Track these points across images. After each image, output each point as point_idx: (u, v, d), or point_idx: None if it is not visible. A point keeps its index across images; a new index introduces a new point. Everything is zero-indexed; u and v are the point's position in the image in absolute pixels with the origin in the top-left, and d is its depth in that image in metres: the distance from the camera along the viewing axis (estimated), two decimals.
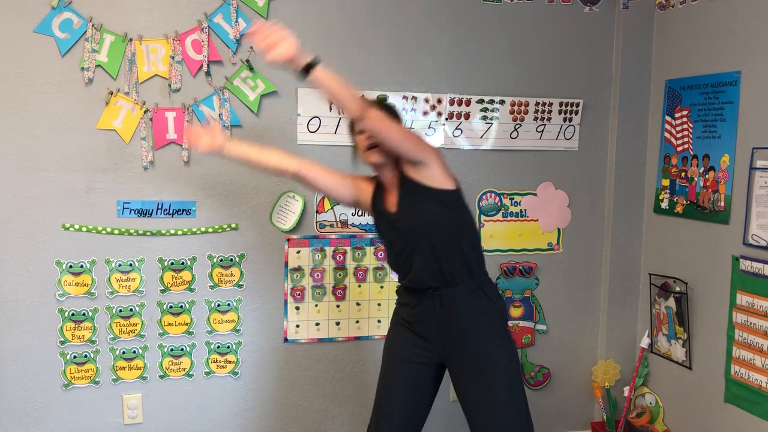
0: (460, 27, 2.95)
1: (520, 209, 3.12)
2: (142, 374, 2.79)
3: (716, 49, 2.74)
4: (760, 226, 2.51)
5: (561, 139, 3.11)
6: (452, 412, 3.09)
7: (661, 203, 3.05)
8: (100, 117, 2.63)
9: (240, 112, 2.76)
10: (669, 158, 3.01)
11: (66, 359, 2.70)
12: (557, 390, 3.25)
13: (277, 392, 2.94)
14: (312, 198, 2.88)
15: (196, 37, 2.68)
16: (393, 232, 2.19)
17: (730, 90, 2.66)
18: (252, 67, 2.72)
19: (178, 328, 2.80)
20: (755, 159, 2.53)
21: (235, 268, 2.83)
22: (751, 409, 2.57)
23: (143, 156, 2.68)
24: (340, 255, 2.94)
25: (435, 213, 2.12)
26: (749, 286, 2.55)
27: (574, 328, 3.23)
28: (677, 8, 2.96)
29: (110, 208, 2.69)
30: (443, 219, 2.13)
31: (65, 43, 2.56)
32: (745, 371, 2.58)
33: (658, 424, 3.07)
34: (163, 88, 2.68)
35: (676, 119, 2.97)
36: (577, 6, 3.08)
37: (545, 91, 3.07)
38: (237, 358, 2.87)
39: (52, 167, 2.61)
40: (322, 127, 2.85)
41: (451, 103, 2.96)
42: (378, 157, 2.14)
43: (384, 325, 3.00)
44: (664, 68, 3.04)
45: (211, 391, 2.87)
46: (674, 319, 2.96)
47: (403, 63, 2.92)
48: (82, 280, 2.68)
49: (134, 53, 2.63)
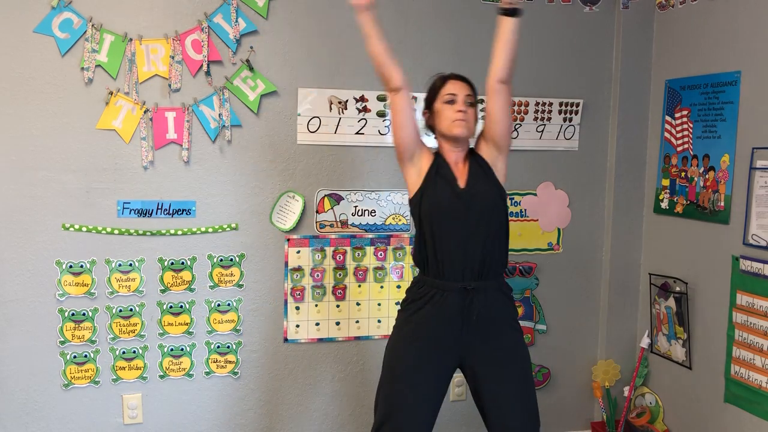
0: (460, 27, 2.95)
1: (520, 209, 3.12)
2: (142, 374, 2.79)
3: (716, 49, 2.74)
4: (760, 226, 2.51)
5: (561, 139, 3.11)
6: (452, 412, 3.09)
7: (661, 203, 3.05)
8: (100, 117, 2.63)
9: (240, 112, 2.76)
10: (669, 158, 3.01)
11: (66, 359, 2.70)
12: (557, 390, 3.25)
13: (277, 392, 2.94)
14: (312, 198, 2.88)
15: (196, 37, 2.68)
16: (456, 207, 2.14)
17: (730, 90, 2.66)
18: (252, 67, 2.72)
19: (178, 328, 2.80)
20: (755, 159, 2.53)
21: (235, 268, 2.83)
22: (751, 409, 2.57)
23: (143, 156, 2.68)
24: (340, 255, 2.94)
25: (497, 200, 2.17)
26: (749, 286, 2.55)
27: (574, 328, 3.23)
28: (677, 8, 2.96)
29: (110, 208, 2.69)
30: (501, 209, 2.19)
31: (65, 43, 2.56)
32: (745, 371, 2.58)
33: (658, 424, 3.07)
34: (163, 88, 2.68)
35: (676, 119, 2.97)
36: (577, 6, 3.08)
37: (545, 91, 3.07)
38: (237, 358, 2.87)
39: (52, 167, 2.61)
40: (322, 127, 2.85)
41: None
42: (466, 130, 2.18)
43: (384, 325, 3.00)
44: (664, 68, 3.04)
45: (211, 391, 2.87)
46: (674, 319, 2.96)
47: (404, 63, 2.88)
48: (82, 280, 2.68)
49: (134, 53, 2.63)
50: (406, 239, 2.99)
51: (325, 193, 2.89)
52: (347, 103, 2.85)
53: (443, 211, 2.15)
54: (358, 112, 2.87)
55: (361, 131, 2.89)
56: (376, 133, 2.90)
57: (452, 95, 2.20)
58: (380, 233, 2.97)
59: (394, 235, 2.98)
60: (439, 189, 2.16)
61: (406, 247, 3.00)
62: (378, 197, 2.95)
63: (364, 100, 2.87)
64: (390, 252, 2.99)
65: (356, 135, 2.88)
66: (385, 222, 2.97)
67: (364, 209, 2.94)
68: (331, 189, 2.90)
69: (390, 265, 2.99)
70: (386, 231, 2.98)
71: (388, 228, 2.97)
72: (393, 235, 2.98)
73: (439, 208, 2.15)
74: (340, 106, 2.85)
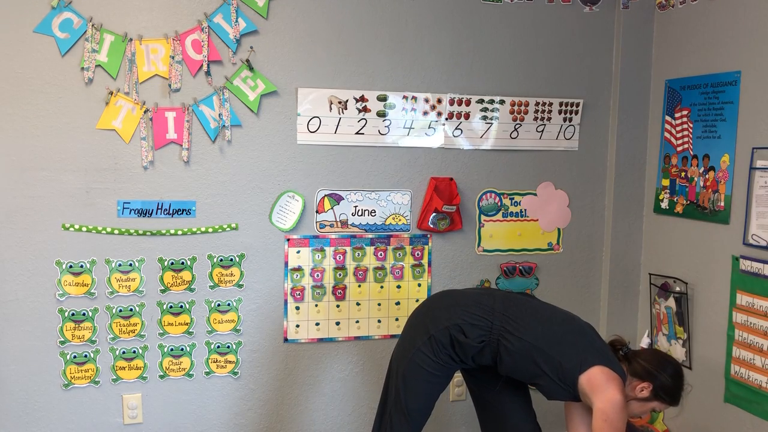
0: (460, 27, 2.95)
1: (520, 209, 3.12)
2: (142, 374, 2.79)
3: (716, 49, 2.74)
4: (760, 226, 2.51)
5: (561, 139, 3.11)
6: (452, 412, 3.09)
7: (661, 203, 3.05)
8: (100, 117, 2.63)
9: (240, 112, 2.76)
10: (669, 158, 3.01)
11: (66, 359, 2.70)
12: None
13: (277, 392, 2.94)
14: (312, 198, 2.88)
15: (196, 37, 2.68)
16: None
17: (730, 90, 2.66)
18: (252, 67, 2.72)
19: (178, 328, 2.80)
20: (755, 159, 2.53)
21: (235, 268, 2.83)
22: (751, 409, 2.57)
23: (143, 156, 2.68)
24: (340, 255, 2.94)
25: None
26: (749, 286, 2.55)
27: None
28: (677, 8, 2.96)
29: (110, 208, 2.69)
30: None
31: (65, 43, 2.56)
32: (745, 371, 2.58)
33: (658, 424, 3.06)
34: (163, 88, 2.68)
35: (676, 119, 2.97)
36: (577, 6, 3.08)
37: (545, 91, 3.07)
38: (237, 358, 2.87)
39: (52, 167, 2.61)
40: (322, 127, 2.85)
41: (451, 103, 2.96)
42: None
43: (384, 325, 3.00)
44: (664, 68, 3.04)
45: (211, 391, 2.87)
46: (674, 319, 2.96)
47: (404, 63, 2.92)
48: (82, 280, 2.68)
49: (134, 53, 2.63)
50: (406, 239, 3.00)
51: (325, 193, 2.89)
52: (347, 103, 2.85)
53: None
54: (358, 112, 2.87)
55: (361, 131, 2.89)
56: (376, 133, 2.91)
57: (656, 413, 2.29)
58: (380, 233, 2.97)
59: (394, 235, 2.98)
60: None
61: (406, 247, 3.00)
62: (378, 197, 2.95)
63: (364, 100, 2.87)
64: (390, 252, 2.99)
65: (356, 135, 2.89)
66: (385, 222, 2.97)
67: (364, 209, 2.94)
68: (331, 189, 2.90)
69: (390, 265, 2.99)
70: (386, 231, 2.98)
71: (388, 228, 2.97)
72: (393, 235, 2.98)
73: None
74: (340, 106, 2.85)
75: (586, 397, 2.14)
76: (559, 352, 2.18)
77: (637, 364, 2.25)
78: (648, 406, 2.25)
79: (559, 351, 2.18)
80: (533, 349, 2.18)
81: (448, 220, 2.96)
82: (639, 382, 2.22)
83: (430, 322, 2.29)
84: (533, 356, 2.17)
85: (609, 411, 2.08)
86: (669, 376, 2.23)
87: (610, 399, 2.08)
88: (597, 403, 2.10)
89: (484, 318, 2.23)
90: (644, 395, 2.21)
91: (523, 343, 2.18)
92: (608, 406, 2.08)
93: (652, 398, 2.22)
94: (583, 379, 2.13)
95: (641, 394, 2.21)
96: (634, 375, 2.23)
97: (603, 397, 2.09)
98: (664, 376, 2.22)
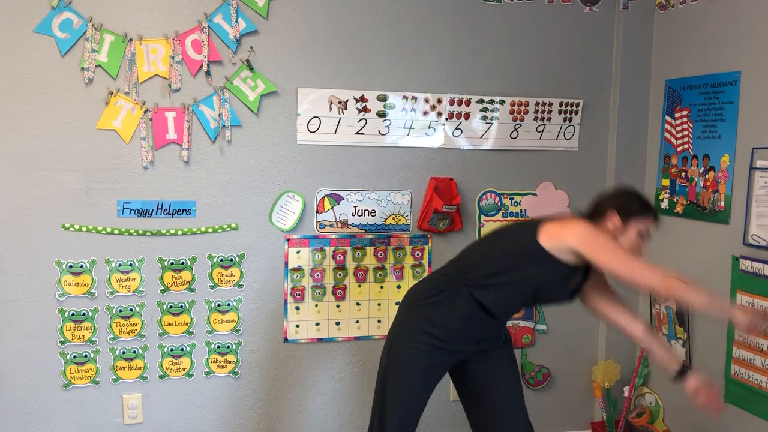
0: (460, 27, 2.95)
1: (520, 209, 3.12)
2: (142, 374, 2.79)
3: (716, 49, 2.74)
4: (760, 226, 2.51)
5: (561, 139, 3.11)
6: (452, 412, 3.09)
7: (661, 203, 3.05)
8: (100, 117, 2.63)
9: (240, 112, 2.76)
10: (669, 158, 3.01)
11: (66, 359, 2.70)
12: (557, 390, 3.24)
13: (277, 392, 2.94)
14: (312, 198, 2.88)
15: (196, 37, 2.68)
16: (570, 296, 2.27)
17: (730, 90, 2.66)
18: (252, 67, 2.72)
19: (178, 328, 2.80)
20: (755, 159, 2.53)
21: (235, 268, 2.83)
22: (751, 409, 2.57)
23: (143, 156, 2.68)
24: (340, 255, 2.94)
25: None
26: (749, 286, 2.55)
27: (574, 328, 3.23)
28: (677, 8, 2.96)
29: (110, 208, 2.69)
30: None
31: (65, 43, 2.56)
32: (745, 371, 2.58)
33: (658, 424, 3.06)
34: (163, 88, 2.68)
35: (676, 119, 2.97)
36: (577, 6, 3.08)
37: (545, 91, 3.07)
38: (237, 358, 2.87)
39: (52, 167, 2.61)
40: (322, 127, 2.85)
41: (451, 103, 2.96)
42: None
43: (384, 325, 3.00)
44: (664, 68, 3.04)
45: (211, 391, 2.87)
46: (674, 319, 2.96)
47: (404, 63, 2.92)
48: (82, 280, 2.68)
49: (134, 53, 2.63)
50: (406, 239, 2.99)
51: (325, 193, 2.89)
52: (347, 103, 2.85)
53: (561, 292, 2.25)
54: (358, 112, 2.87)
55: (361, 131, 2.89)
56: (376, 133, 2.91)
57: (649, 234, 2.20)
58: (380, 233, 2.97)
59: (394, 235, 2.98)
60: (573, 282, 2.24)
61: (406, 247, 3.00)
62: (378, 197, 2.95)
63: (364, 100, 2.87)
64: (390, 252, 2.99)
65: (356, 135, 2.89)
66: (385, 222, 2.97)
67: (364, 209, 2.94)
68: (331, 189, 2.90)
69: (390, 265, 2.99)
70: (386, 231, 2.98)
71: (388, 228, 2.97)
72: (393, 235, 2.98)
73: (559, 289, 2.23)
74: (340, 106, 2.85)
75: (563, 252, 2.09)
76: (511, 242, 2.20)
77: (589, 209, 2.23)
78: (632, 234, 2.15)
79: (511, 242, 2.20)
80: (492, 262, 2.18)
81: (448, 220, 2.96)
82: (604, 219, 2.16)
83: (397, 316, 2.32)
84: (500, 267, 2.16)
85: (583, 235, 2.05)
86: (620, 194, 2.22)
87: (575, 229, 2.07)
88: (570, 242, 2.06)
89: (439, 278, 2.26)
90: (617, 224, 2.14)
91: (485, 266, 2.17)
92: (579, 232, 2.06)
93: (627, 222, 2.14)
94: (542, 236, 2.10)
95: (615, 226, 2.14)
96: (597, 217, 2.18)
97: (569, 232, 2.07)
98: (615, 197, 2.20)
